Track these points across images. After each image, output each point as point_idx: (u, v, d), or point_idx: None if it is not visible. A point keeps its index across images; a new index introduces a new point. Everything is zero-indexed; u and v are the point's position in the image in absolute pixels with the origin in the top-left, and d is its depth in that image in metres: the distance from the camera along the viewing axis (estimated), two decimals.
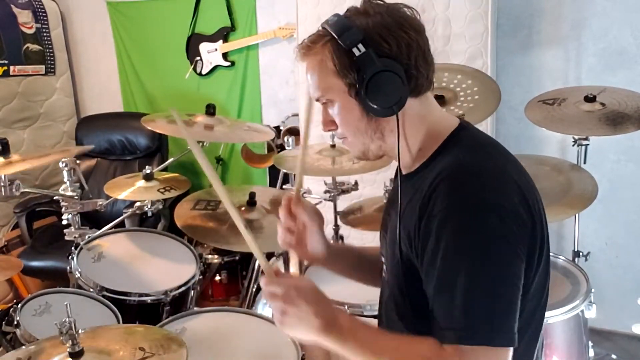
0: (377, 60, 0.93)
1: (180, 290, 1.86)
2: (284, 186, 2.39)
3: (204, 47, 3.31)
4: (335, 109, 1.01)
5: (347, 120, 1.01)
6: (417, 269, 0.95)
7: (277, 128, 3.03)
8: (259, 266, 2.70)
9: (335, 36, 0.95)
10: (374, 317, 1.51)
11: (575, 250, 2.19)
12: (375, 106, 0.96)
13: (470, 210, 0.87)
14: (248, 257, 2.85)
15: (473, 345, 0.84)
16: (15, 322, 1.57)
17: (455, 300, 0.85)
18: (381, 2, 0.98)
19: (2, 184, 1.77)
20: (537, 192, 0.98)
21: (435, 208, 0.89)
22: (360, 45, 0.93)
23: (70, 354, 1.13)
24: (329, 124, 1.04)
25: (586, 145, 2.06)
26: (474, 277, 0.85)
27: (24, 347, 1.28)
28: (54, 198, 1.97)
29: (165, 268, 1.97)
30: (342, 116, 1.01)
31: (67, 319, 1.13)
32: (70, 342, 1.13)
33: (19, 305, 1.63)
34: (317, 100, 1.04)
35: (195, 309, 1.82)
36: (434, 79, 1.02)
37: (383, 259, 1.14)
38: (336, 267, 1.28)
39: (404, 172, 1.06)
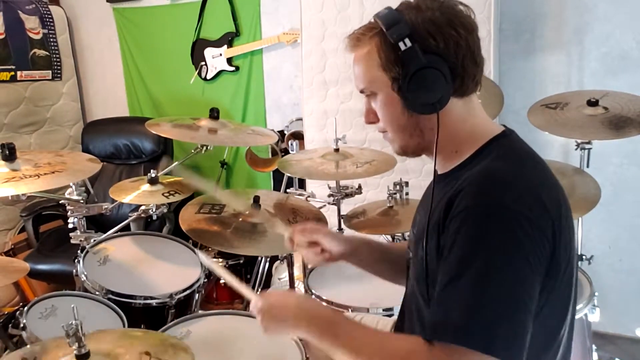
0: (422, 56, 0.92)
1: (185, 293, 1.87)
2: (287, 190, 2.40)
3: (209, 52, 3.34)
4: (378, 103, 1.02)
5: (388, 114, 1.01)
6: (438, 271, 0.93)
7: (281, 132, 3.05)
8: (263, 270, 2.71)
9: (384, 29, 0.94)
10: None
11: (579, 253, 2.19)
12: (416, 103, 0.95)
13: (490, 214, 0.84)
14: (252, 261, 2.86)
15: (467, 347, 0.78)
16: (22, 325, 1.58)
17: (459, 299, 0.82)
18: None
19: None
20: (569, 214, 0.94)
21: (456, 209, 0.87)
22: (406, 40, 0.92)
23: (77, 357, 1.14)
24: (371, 115, 1.05)
25: (589, 149, 2.05)
26: (483, 279, 0.81)
27: (28, 346, 1.29)
28: (60, 202, 1.98)
29: (170, 271, 1.98)
30: (384, 110, 1.01)
31: (73, 321, 1.13)
32: (76, 344, 1.14)
33: (25, 308, 1.64)
34: (362, 91, 1.04)
35: (200, 312, 1.84)
36: (481, 80, 1.01)
37: (409, 256, 1.14)
38: (357, 261, 1.29)
39: (439, 172, 1.05)
